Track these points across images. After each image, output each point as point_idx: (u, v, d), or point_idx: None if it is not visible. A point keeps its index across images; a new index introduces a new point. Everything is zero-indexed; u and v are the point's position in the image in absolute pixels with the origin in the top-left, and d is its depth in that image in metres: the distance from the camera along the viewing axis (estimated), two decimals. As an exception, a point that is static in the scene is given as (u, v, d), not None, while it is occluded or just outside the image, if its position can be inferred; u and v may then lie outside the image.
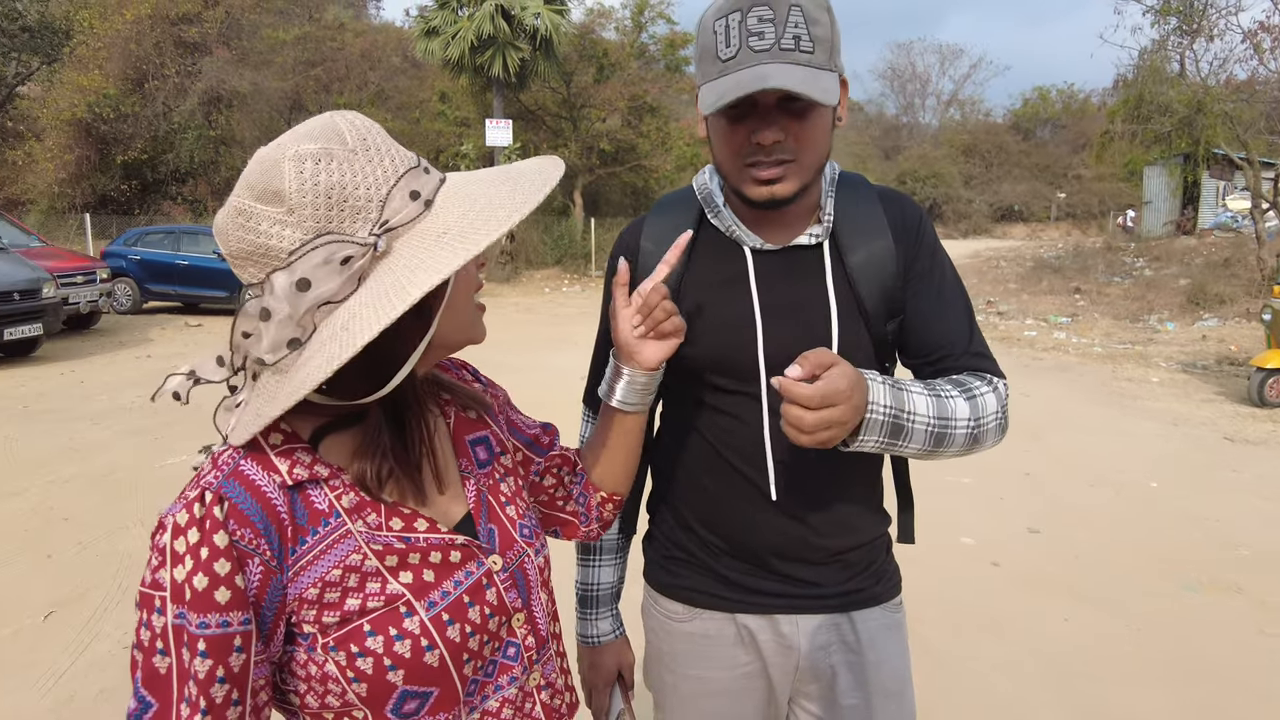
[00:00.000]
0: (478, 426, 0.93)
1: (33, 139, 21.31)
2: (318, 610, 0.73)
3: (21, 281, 8.97)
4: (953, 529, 4.33)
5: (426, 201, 0.73)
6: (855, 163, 44.22)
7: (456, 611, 0.78)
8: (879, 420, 0.96)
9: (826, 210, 1.13)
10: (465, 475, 0.88)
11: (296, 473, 0.74)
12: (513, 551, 0.86)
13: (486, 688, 0.83)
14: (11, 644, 3.09)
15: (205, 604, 0.66)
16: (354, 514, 0.76)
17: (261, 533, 0.70)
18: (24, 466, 5.24)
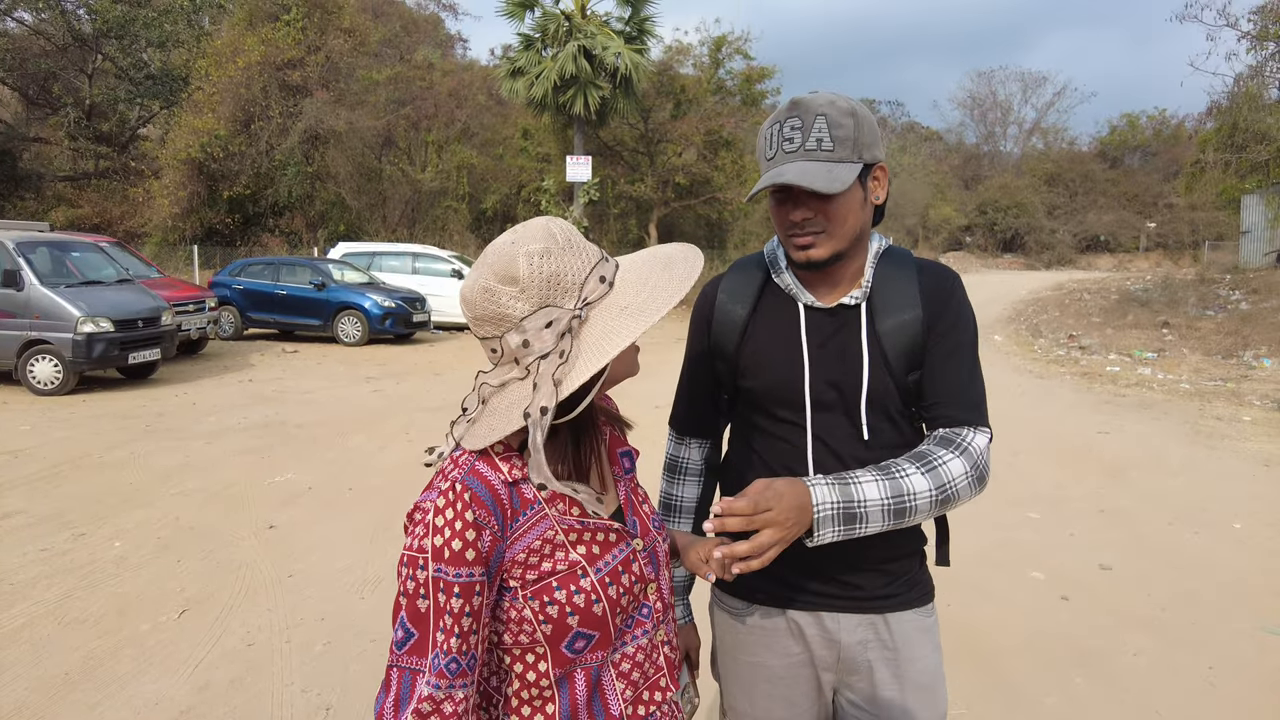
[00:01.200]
0: (624, 443, 1.24)
1: (151, 177, 23.04)
2: (523, 570, 1.01)
3: (145, 310, 9.80)
4: (1022, 563, 4.37)
5: (610, 283, 1.03)
6: (934, 192, 43.61)
7: (614, 576, 1.06)
8: (829, 515, 1.21)
9: (866, 278, 1.40)
10: (617, 479, 1.18)
11: (514, 473, 1.02)
12: (649, 537, 1.16)
13: (626, 636, 1.11)
14: (152, 637, 3.48)
15: (459, 560, 0.96)
16: (549, 503, 1.04)
17: (492, 513, 0.99)
18: (152, 480, 5.77)
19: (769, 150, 1.34)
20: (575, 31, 19.46)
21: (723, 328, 1.47)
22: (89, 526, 4.80)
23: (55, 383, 9.06)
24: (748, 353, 1.44)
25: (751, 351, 1.44)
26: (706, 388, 1.55)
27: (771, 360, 1.42)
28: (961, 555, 4.41)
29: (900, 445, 1.40)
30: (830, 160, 1.28)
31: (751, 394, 1.45)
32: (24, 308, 9.03)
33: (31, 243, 9.57)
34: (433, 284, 16.13)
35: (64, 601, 3.83)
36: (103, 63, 27.04)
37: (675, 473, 1.61)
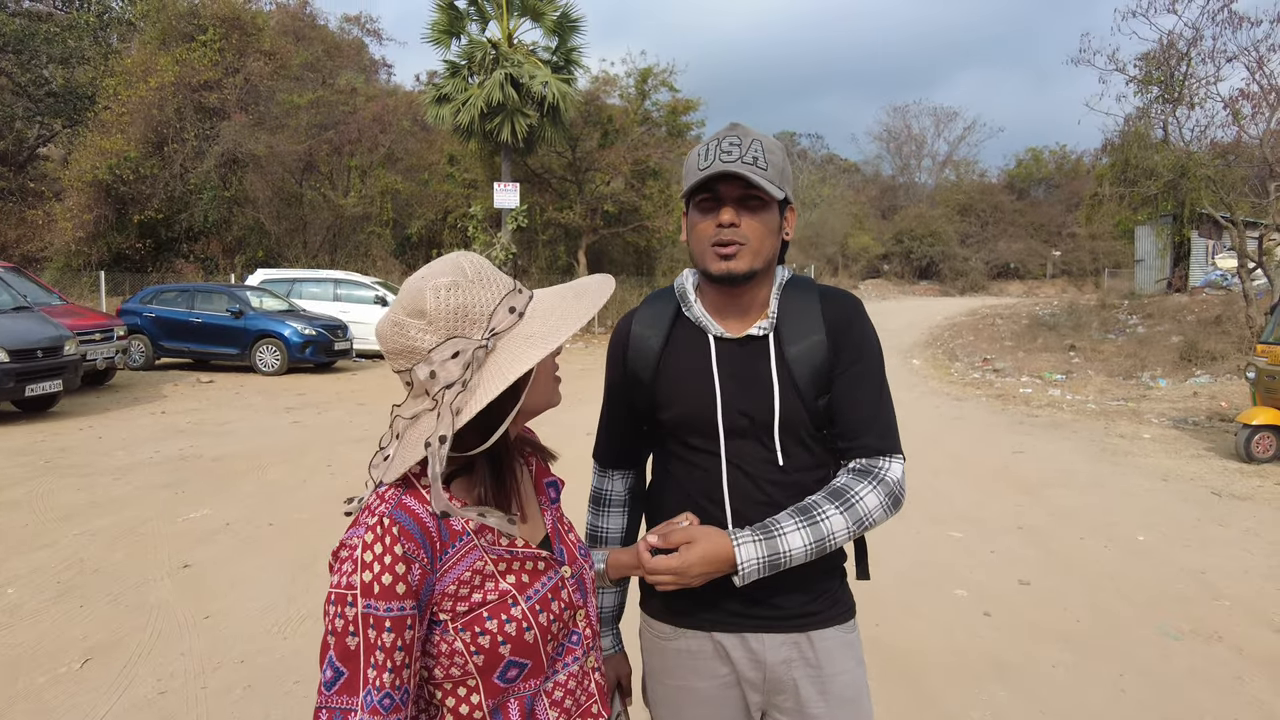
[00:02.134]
0: (549, 473, 1.26)
1: (52, 199, 21.91)
2: (454, 601, 1.02)
3: (45, 339, 9.26)
4: (945, 581, 4.50)
5: (520, 314, 1.05)
6: (853, 222, 45.10)
7: (544, 604, 1.08)
8: (754, 569, 1.31)
9: (772, 309, 1.46)
10: (543, 508, 1.20)
11: (441, 505, 1.02)
12: (576, 564, 1.18)
13: (558, 664, 1.12)
14: (51, 689, 3.26)
15: (389, 595, 0.95)
16: (478, 534, 1.05)
17: (421, 546, 0.98)
18: (53, 519, 5.43)
19: (703, 161, 1.38)
20: (502, 60, 19.53)
21: (638, 360, 1.50)
22: (-21, 572, 4.47)
23: (-57, 418, 8.46)
24: (662, 384, 1.48)
25: (666, 383, 1.48)
26: (625, 419, 1.58)
27: (685, 391, 1.46)
28: (887, 575, 4.53)
29: (814, 466, 1.46)
30: (764, 177, 1.36)
31: (668, 424, 1.49)
32: (-93, 338, 8.44)
33: (-82, 268, 8.96)
34: (355, 311, 15.79)
35: (-49, 654, 3.55)
36: None
37: (600, 504, 1.63)
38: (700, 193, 1.39)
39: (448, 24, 19.96)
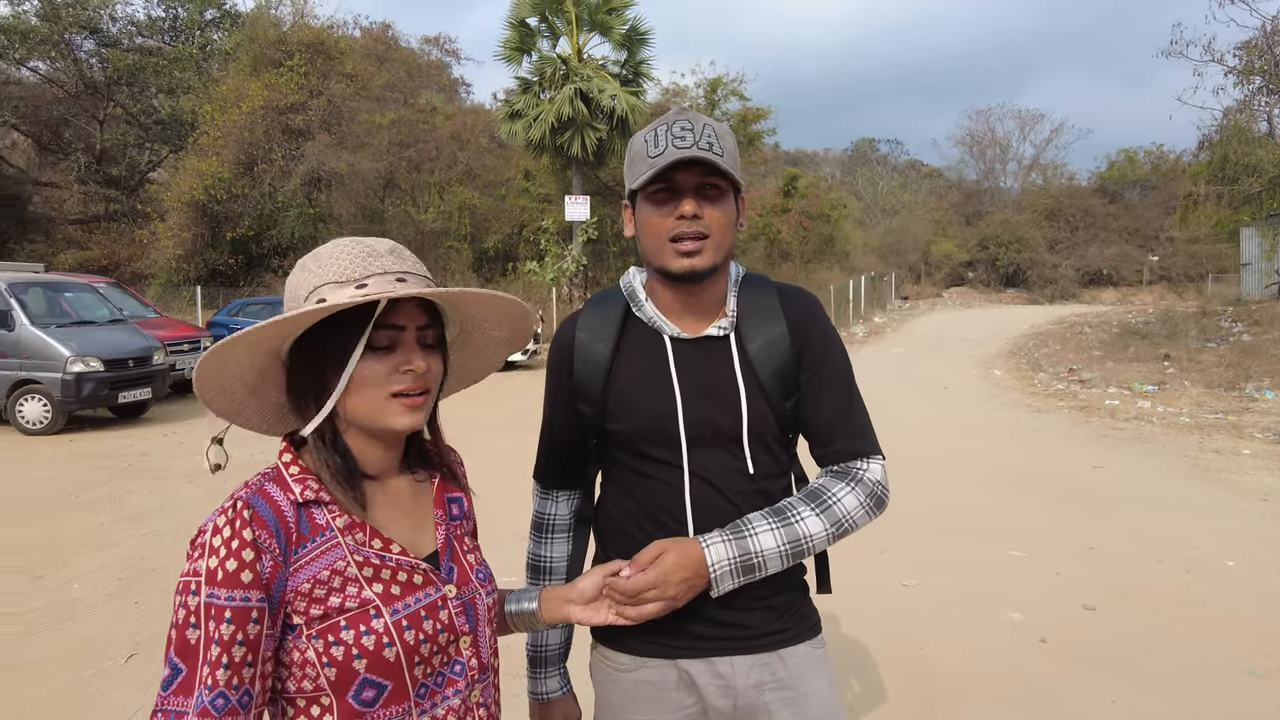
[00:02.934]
0: (455, 490, 1.18)
1: (157, 219, 23.33)
2: (307, 603, 0.94)
3: (136, 350, 9.81)
4: (999, 604, 4.23)
5: (319, 300, 0.98)
6: (935, 228, 43.79)
7: (414, 621, 0.98)
8: (726, 571, 1.22)
9: (730, 307, 1.35)
10: (439, 522, 1.11)
11: (306, 494, 0.98)
12: (467, 587, 1.08)
13: (436, 696, 1.02)
14: (95, 683, 3.38)
15: (233, 583, 0.89)
16: (345, 531, 0.99)
17: (274, 535, 0.93)
18: (124, 520, 5.70)
19: (653, 148, 1.26)
20: (572, 75, 19.78)
21: (585, 368, 1.37)
22: (50, 569, 4.71)
23: (44, 422, 9.04)
24: (615, 393, 1.35)
25: (619, 391, 1.35)
26: (570, 435, 1.45)
27: (640, 399, 1.34)
28: (934, 594, 4.29)
29: (780, 473, 1.37)
30: (724, 163, 1.25)
31: (622, 436, 1.37)
32: (14, 347, 9.06)
33: (24, 283, 9.63)
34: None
35: (7, 647, 3.73)
36: (114, 109, 27.60)
37: (542, 531, 1.50)
38: (654, 183, 1.27)
39: (519, 41, 20.37)
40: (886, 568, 4.73)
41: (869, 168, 54.71)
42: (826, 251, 30.26)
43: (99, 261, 24.55)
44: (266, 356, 1.03)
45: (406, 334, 1.01)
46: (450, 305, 1.10)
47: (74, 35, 26.57)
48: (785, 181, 28.11)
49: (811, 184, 31.95)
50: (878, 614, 4.06)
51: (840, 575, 1.71)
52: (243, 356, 1.00)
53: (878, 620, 3.98)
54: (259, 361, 1.03)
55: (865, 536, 5.16)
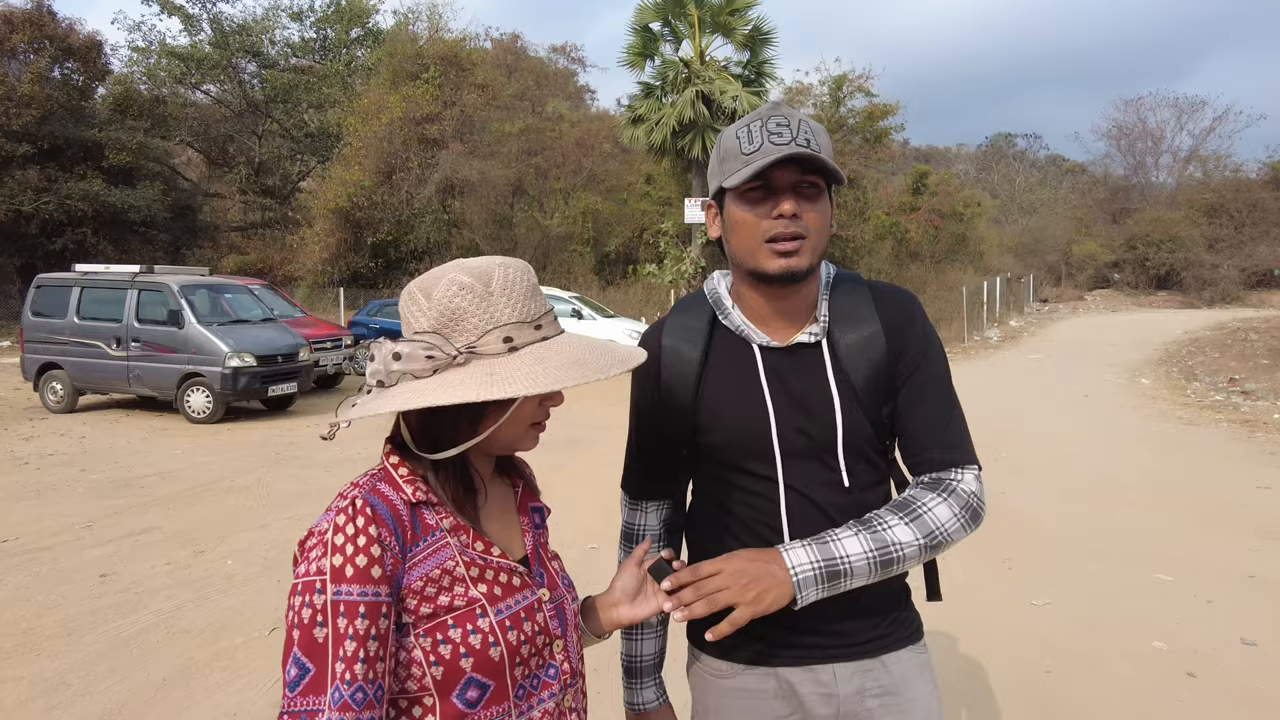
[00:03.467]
0: (536, 499, 1.20)
1: (305, 226, 25.15)
2: (419, 601, 0.95)
3: (284, 346, 10.61)
4: (1140, 631, 3.93)
5: (513, 348, 1.00)
6: (1077, 227, 41.04)
7: (515, 621, 1.01)
8: (810, 576, 1.16)
9: (821, 311, 1.30)
10: (525, 529, 1.14)
11: (418, 495, 1.00)
12: (556, 591, 1.10)
13: (532, 699, 1.03)
14: (242, 650, 3.69)
15: (364, 579, 0.90)
16: (452, 532, 1.01)
17: (393, 532, 0.95)
18: (271, 504, 6.18)
19: (748, 145, 1.21)
20: (694, 77, 19.82)
21: (674, 378, 1.34)
22: (209, 544, 5.18)
23: (206, 412, 9.92)
24: (705, 404, 1.32)
25: (709, 402, 1.32)
26: (659, 444, 1.41)
27: (731, 411, 1.30)
28: (1064, 616, 4.04)
29: (878, 484, 1.32)
30: (822, 157, 1.20)
31: (713, 448, 1.33)
32: (183, 344, 9.99)
33: (192, 285, 10.60)
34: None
35: (175, 612, 4.13)
36: (270, 125, 29.96)
37: (632, 541, 1.46)
38: (749, 181, 1.21)
39: (642, 47, 20.59)
40: (1014, 585, 4.49)
41: (1005, 163, 51.91)
42: (959, 251, 28.93)
43: (255, 265, 26.72)
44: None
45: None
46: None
47: (240, 59, 29.05)
48: (914, 179, 27.11)
49: (943, 181, 30.65)
50: (1001, 633, 3.86)
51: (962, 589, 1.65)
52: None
53: (1001, 640, 3.78)
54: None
55: (990, 550, 4.92)
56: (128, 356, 10.21)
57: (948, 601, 1.52)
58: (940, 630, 3.85)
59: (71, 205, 20.41)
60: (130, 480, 6.90)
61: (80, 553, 5.03)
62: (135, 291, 10.34)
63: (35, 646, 3.75)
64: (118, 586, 4.48)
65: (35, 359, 10.66)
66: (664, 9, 20.03)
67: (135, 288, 10.36)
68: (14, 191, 19.68)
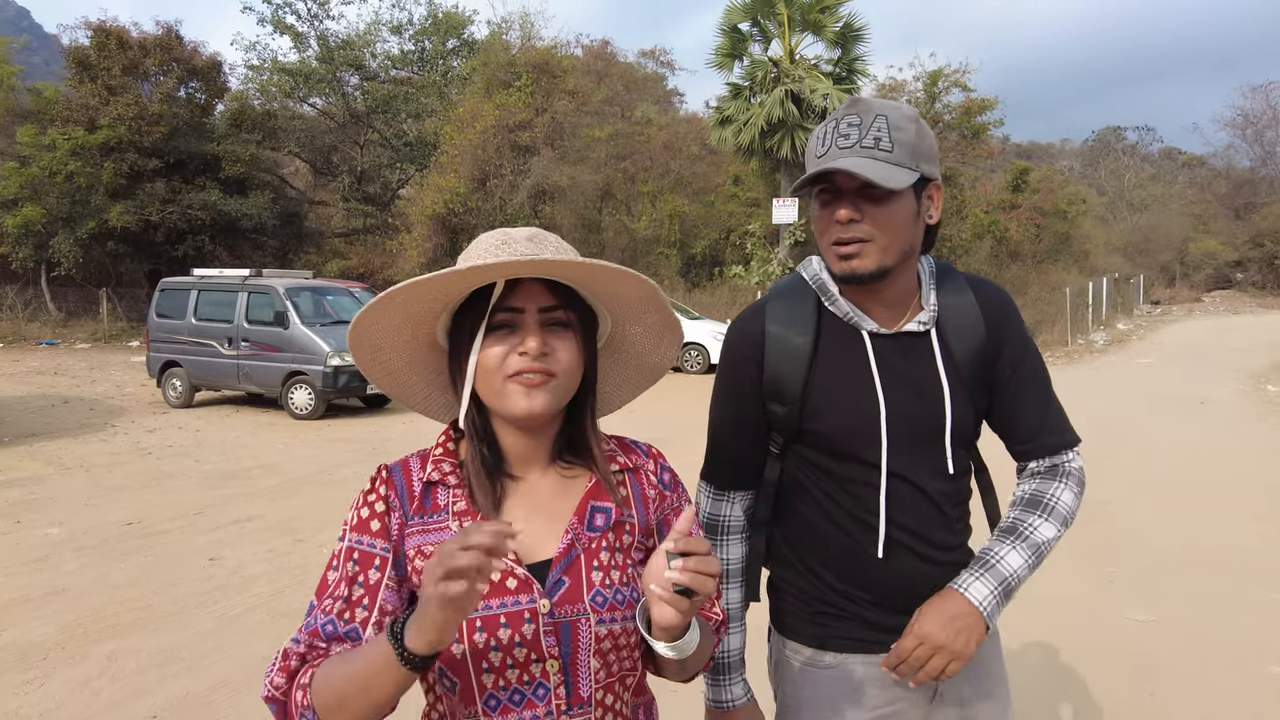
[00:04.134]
0: (605, 497, 1.06)
1: (404, 231, 26.13)
2: (412, 571, 1.00)
3: (381, 347, 11.04)
4: (1256, 654, 3.65)
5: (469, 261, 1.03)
6: (1195, 223, 38.52)
7: (489, 624, 0.95)
8: (993, 603, 1.26)
9: (930, 301, 1.31)
10: (569, 529, 1.02)
11: (431, 475, 1.04)
12: (572, 607, 0.98)
13: (509, 713, 0.97)
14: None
15: (363, 529, 1.00)
16: (457, 516, 1.02)
17: (399, 499, 1.02)
18: (365, 496, 6.45)
19: (820, 148, 1.25)
20: (783, 76, 19.61)
21: (782, 365, 1.31)
22: (308, 534, 5.45)
23: (309, 408, 10.44)
24: (814, 391, 1.30)
25: (819, 389, 1.30)
26: (750, 434, 1.39)
27: (843, 397, 1.30)
28: (1179, 638, 3.80)
29: (968, 470, 1.38)
30: (888, 161, 1.20)
31: (818, 435, 1.32)
32: (288, 343, 10.54)
33: (297, 288, 11.17)
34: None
35: (277, 596, 4.37)
36: (371, 134, 31.27)
37: (717, 533, 1.43)
38: (816, 183, 1.25)
39: (730, 47, 20.51)
40: (1115, 599, 4.25)
41: (1114, 158, 49.15)
42: (1062, 250, 27.59)
43: (357, 270, 27.92)
44: (421, 344, 1.11)
45: (526, 315, 1.00)
46: (591, 292, 1.08)
47: (344, 72, 30.46)
48: (1014, 175, 26.01)
49: (1045, 177, 29.29)
50: (1101, 650, 3.66)
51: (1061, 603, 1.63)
52: (388, 321, 1.05)
53: (1100, 657, 3.59)
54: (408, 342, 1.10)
55: (1092, 562, 4.67)
56: (238, 355, 10.85)
57: (1044, 614, 1.57)
58: (1036, 642, 3.69)
59: (192, 214, 21.81)
60: (237, 471, 7.33)
61: (192, 537, 5.38)
62: (245, 294, 10.98)
63: (152, 622, 4.03)
64: (225, 570, 4.77)
65: (158, 357, 11.45)
66: (753, 9, 19.90)
67: (245, 290, 11.00)
68: (144, 203, 21.19)
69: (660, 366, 1.21)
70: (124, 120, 21.04)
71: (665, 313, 1.12)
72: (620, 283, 1.05)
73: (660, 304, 1.10)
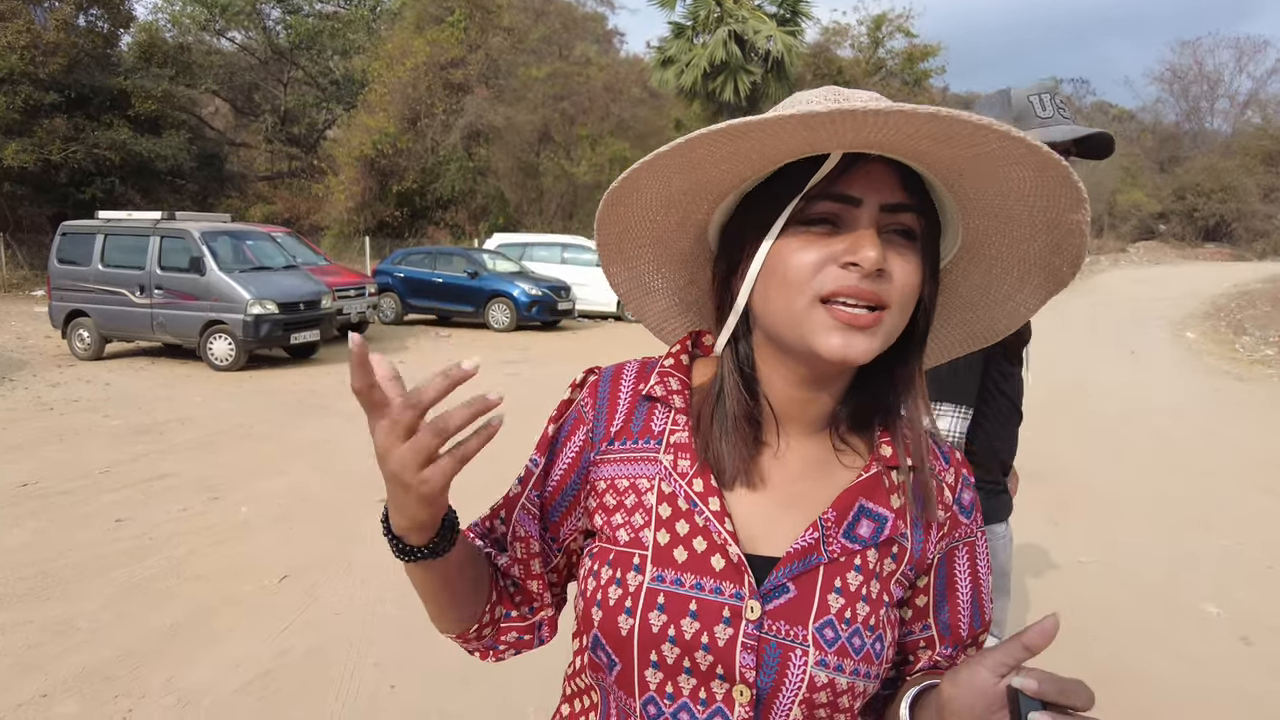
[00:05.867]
0: (884, 501, 0.75)
1: (331, 175, 25.00)
2: (597, 507, 0.77)
3: (306, 294, 10.51)
4: (1195, 595, 3.70)
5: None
6: (1123, 176, 39.63)
7: (674, 604, 0.70)
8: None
9: None
10: (817, 524, 0.72)
11: (655, 389, 0.78)
12: (789, 627, 0.70)
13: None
14: (252, 598, 3.61)
15: (543, 449, 0.82)
16: (672, 450, 0.75)
17: (595, 411, 0.79)
18: (290, 452, 6.11)
19: (1041, 111, 1.59)
20: (726, 17, 19.16)
21: None
22: (225, 491, 5.11)
23: (229, 359, 9.89)
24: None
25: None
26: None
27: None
28: (1113, 576, 3.81)
29: None
30: None
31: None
32: (205, 291, 9.92)
33: (214, 232, 10.49)
34: (580, 273, 16.39)
35: (188, 558, 4.06)
36: (296, 72, 29.65)
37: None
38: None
39: (673, -15, 19.94)
40: (1059, 542, 4.27)
41: (1048, 110, 50.00)
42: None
43: (283, 215, 26.70)
44: (687, 235, 0.80)
45: (862, 210, 0.67)
46: (952, 185, 0.71)
47: (265, 5, 28.64)
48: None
49: (982, 128, 29.54)
50: (1044, 590, 3.65)
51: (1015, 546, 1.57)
52: (657, 194, 0.75)
53: (1042, 597, 3.58)
54: (672, 230, 0.79)
55: (1036, 508, 4.68)
56: (151, 304, 10.18)
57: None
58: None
59: (99, 154, 20.36)
60: (150, 427, 6.87)
61: (97, 497, 4.99)
62: (158, 238, 10.26)
63: (46, 590, 3.70)
64: (132, 532, 4.42)
65: (62, 306, 10.68)
66: (695, -55, 19.32)
67: (157, 234, 10.28)
68: (43, 140, 19.65)
69: (1013, 319, 0.81)
70: (14, 49, 19.34)
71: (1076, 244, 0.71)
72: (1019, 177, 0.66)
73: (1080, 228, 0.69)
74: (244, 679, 2.93)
